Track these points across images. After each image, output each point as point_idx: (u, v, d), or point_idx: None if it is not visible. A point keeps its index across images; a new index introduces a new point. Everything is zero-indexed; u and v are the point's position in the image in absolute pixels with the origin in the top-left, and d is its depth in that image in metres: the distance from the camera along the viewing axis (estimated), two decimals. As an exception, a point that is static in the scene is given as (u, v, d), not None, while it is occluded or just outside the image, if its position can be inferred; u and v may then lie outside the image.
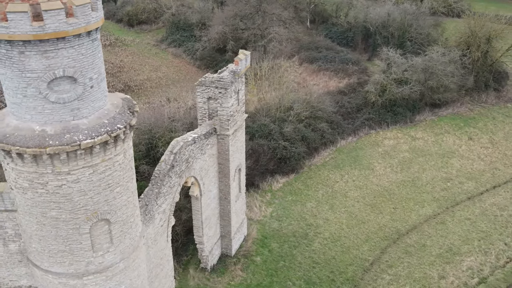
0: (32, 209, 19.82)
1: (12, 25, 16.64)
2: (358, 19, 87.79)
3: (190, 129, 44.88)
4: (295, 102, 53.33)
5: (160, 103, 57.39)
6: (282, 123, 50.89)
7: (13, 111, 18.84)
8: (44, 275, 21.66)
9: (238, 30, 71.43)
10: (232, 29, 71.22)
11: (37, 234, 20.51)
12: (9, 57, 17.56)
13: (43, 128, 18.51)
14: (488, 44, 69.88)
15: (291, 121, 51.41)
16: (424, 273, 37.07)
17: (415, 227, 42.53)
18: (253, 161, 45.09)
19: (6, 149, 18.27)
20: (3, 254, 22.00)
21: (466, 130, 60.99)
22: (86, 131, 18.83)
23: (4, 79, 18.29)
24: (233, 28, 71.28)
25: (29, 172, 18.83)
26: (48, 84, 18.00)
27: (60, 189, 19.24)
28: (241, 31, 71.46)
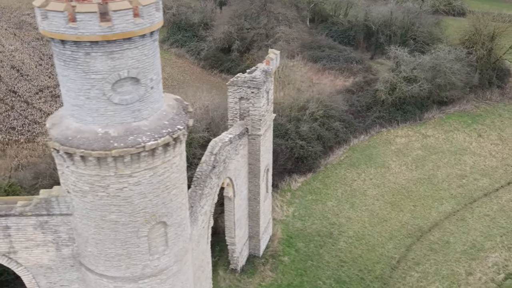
0: (91, 212, 19.51)
1: (80, 25, 16.36)
2: (359, 18, 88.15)
3: (208, 129, 44.71)
4: (309, 101, 53.30)
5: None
6: (297, 122, 50.83)
7: (73, 113, 18.51)
8: (99, 279, 21.34)
9: (243, 30, 71.21)
10: (238, 28, 71.00)
11: (94, 238, 20.19)
12: (74, 59, 17.26)
13: (106, 130, 18.22)
14: (492, 41, 70.64)
15: (306, 120, 51.38)
16: (451, 270, 37.29)
17: (436, 224, 42.77)
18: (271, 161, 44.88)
19: (69, 152, 17.94)
20: (55, 259, 21.61)
21: (475, 127, 61.52)
22: (148, 132, 18.59)
23: (66, 80, 17.96)
24: (239, 28, 71.06)
25: (91, 175, 18.52)
26: (112, 85, 17.72)
27: (121, 192, 18.96)
28: (246, 30, 71.26)
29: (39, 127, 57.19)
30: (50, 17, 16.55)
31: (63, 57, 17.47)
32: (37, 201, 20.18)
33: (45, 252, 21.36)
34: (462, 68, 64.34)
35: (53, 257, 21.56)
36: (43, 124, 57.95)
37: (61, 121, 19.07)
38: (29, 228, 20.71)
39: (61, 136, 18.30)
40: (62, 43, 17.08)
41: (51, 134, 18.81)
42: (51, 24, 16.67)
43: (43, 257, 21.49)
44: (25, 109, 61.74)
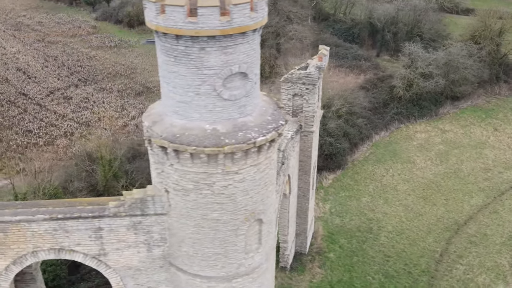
0: (192, 211, 19.17)
1: (201, 20, 16.06)
2: (363, 16, 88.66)
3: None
4: (333, 98, 53.39)
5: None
6: (323, 119, 50.78)
7: (177, 110, 18.15)
8: (191, 279, 20.99)
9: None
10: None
11: (192, 237, 19.84)
12: (187, 54, 16.93)
13: (214, 127, 17.93)
14: (499, 37, 71.85)
15: (332, 118, 51.44)
16: (494, 262, 37.74)
17: (470, 217, 43.23)
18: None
19: (179, 150, 17.58)
20: (145, 260, 21.18)
21: (489, 121, 62.40)
22: (256, 128, 18.35)
23: (174, 77, 17.61)
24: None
25: (197, 172, 18.19)
26: (224, 81, 17.44)
27: (226, 190, 18.68)
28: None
29: (56, 130, 56.15)
30: (168, 11, 16.22)
31: (174, 52, 17.12)
32: (132, 201, 19.74)
33: (136, 253, 20.93)
34: (474, 64, 65.21)
35: (143, 258, 21.13)
36: (60, 126, 57.02)
37: (163, 119, 18.68)
38: (122, 229, 20.28)
39: (167, 134, 17.93)
40: (176, 39, 16.74)
41: (153, 131, 18.41)
42: (168, 19, 16.33)
43: (133, 259, 21.05)
44: (38, 111, 60.56)
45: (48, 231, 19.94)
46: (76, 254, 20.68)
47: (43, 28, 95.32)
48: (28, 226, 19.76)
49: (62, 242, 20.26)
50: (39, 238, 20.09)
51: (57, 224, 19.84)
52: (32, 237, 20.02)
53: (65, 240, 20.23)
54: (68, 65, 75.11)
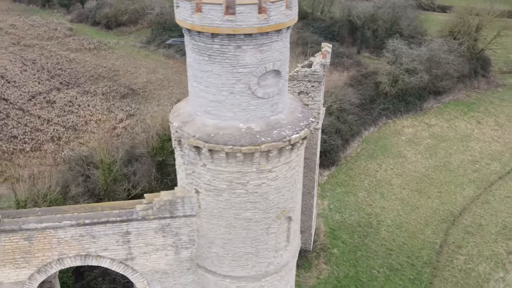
0: (224, 211, 19.04)
1: (239, 18, 15.98)
2: (342, 14, 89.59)
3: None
4: (324, 95, 53.61)
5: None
6: (315, 117, 51.13)
7: (210, 109, 18.00)
8: (221, 280, 20.84)
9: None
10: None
11: (223, 238, 19.70)
12: (222, 53, 16.81)
13: (248, 126, 17.86)
14: (477, 33, 73.78)
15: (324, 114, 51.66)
16: (492, 251, 38.74)
17: (465, 208, 44.26)
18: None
19: (215, 149, 17.43)
20: (173, 263, 20.92)
21: (472, 114, 64.00)
22: (289, 126, 18.37)
23: (207, 76, 17.46)
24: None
25: (231, 172, 18.09)
26: (258, 79, 17.39)
27: (259, 188, 18.63)
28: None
29: (42, 135, 54.79)
30: (205, 10, 16.07)
31: (208, 51, 16.97)
32: (161, 203, 19.47)
33: (163, 256, 20.66)
34: (456, 59, 66.79)
35: (171, 261, 20.87)
36: (46, 131, 55.69)
37: (193, 119, 18.49)
38: (150, 232, 19.99)
39: (201, 134, 17.75)
40: (211, 37, 16.59)
41: (184, 132, 18.19)
42: (205, 18, 16.19)
43: (160, 262, 20.77)
44: (21, 116, 58.97)
45: (74, 237, 19.48)
46: (103, 260, 20.26)
47: (17, 31, 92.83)
48: (54, 233, 19.27)
49: (88, 248, 19.82)
50: (65, 245, 19.61)
51: (84, 229, 19.41)
52: (58, 244, 19.53)
53: (91, 246, 19.80)
54: (48, 69, 73.37)
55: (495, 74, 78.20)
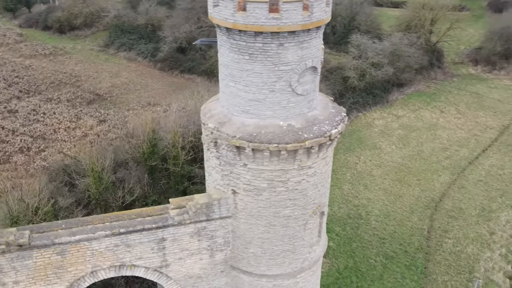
0: (264, 210, 19.00)
1: (284, 15, 16.01)
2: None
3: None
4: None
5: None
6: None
7: (249, 109, 17.90)
8: (256, 280, 20.76)
9: (203, 28, 70.23)
10: (198, 27, 69.89)
11: (261, 237, 19.65)
12: (264, 51, 16.78)
13: (289, 123, 17.92)
14: (432, 26, 77.02)
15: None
16: (476, 232, 40.67)
17: (444, 194, 46.17)
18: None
19: (259, 148, 17.36)
20: (207, 267, 20.61)
21: (435, 104, 66.73)
22: (326, 121, 18.57)
23: (247, 75, 17.35)
24: (198, 26, 69.98)
25: (272, 170, 18.09)
26: (299, 76, 17.47)
27: (299, 185, 18.73)
28: (206, 28, 70.36)
29: (9, 146, 52.13)
30: (250, 8, 15.96)
31: (249, 50, 16.87)
32: (197, 207, 19.15)
33: (198, 260, 20.33)
34: (416, 52, 69.41)
35: (205, 265, 20.57)
36: (12, 142, 53.10)
37: (230, 119, 18.31)
38: (185, 237, 19.62)
39: (242, 134, 17.62)
40: (254, 36, 16.50)
41: (223, 132, 17.99)
42: (249, 16, 16.08)
43: (195, 266, 20.43)
44: (-18, 128, 55.79)
45: (109, 247, 18.81)
46: (137, 269, 19.69)
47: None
48: (88, 245, 18.52)
49: (123, 258, 19.20)
50: (99, 257, 18.90)
51: (119, 239, 18.78)
52: (92, 256, 18.79)
53: (126, 256, 19.19)
54: (4, 76, 69.77)
55: (448, 65, 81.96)
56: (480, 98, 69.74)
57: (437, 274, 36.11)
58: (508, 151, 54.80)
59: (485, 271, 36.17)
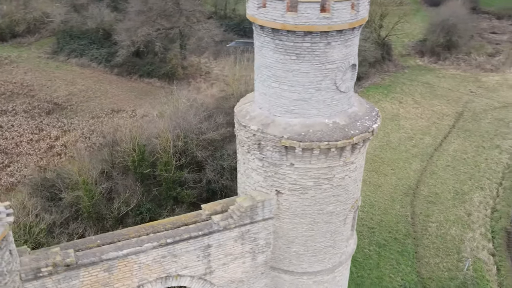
0: (308, 208, 19.18)
1: (335, 15, 16.25)
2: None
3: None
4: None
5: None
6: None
7: (293, 109, 18.01)
8: (298, 278, 20.91)
9: (160, 30, 68.83)
10: (155, 29, 68.39)
11: (304, 235, 19.82)
12: (312, 50, 16.96)
13: (334, 120, 18.21)
14: (381, 21, 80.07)
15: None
16: (455, 215, 42.90)
17: (419, 181, 48.30)
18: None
19: (310, 147, 17.52)
20: (249, 270, 20.49)
21: (392, 96, 69.50)
22: (366, 117, 19.02)
23: (293, 75, 17.46)
24: (156, 29, 68.50)
25: (319, 168, 18.31)
26: (343, 74, 17.79)
27: (343, 181, 19.09)
28: (164, 30, 69.02)
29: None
30: (302, 9, 16.05)
31: (296, 50, 16.97)
32: (241, 210, 19.00)
33: (241, 264, 20.18)
34: (371, 46, 71.88)
35: (247, 268, 20.45)
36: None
37: (274, 120, 18.32)
38: (230, 241, 19.41)
39: (291, 133, 17.69)
40: (303, 36, 16.62)
41: (268, 134, 17.97)
42: (300, 16, 16.18)
43: (237, 271, 20.25)
44: None
45: (156, 259, 18.27)
46: (183, 279, 19.25)
47: None
48: (136, 258, 17.90)
49: (169, 269, 18.71)
50: (146, 269, 18.31)
51: (166, 250, 18.28)
52: (139, 270, 18.17)
53: (172, 266, 18.72)
54: None
55: (397, 58, 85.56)
56: (432, 87, 73.35)
57: (428, 258, 37.79)
58: (467, 136, 58.12)
59: (471, 251, 38.28)
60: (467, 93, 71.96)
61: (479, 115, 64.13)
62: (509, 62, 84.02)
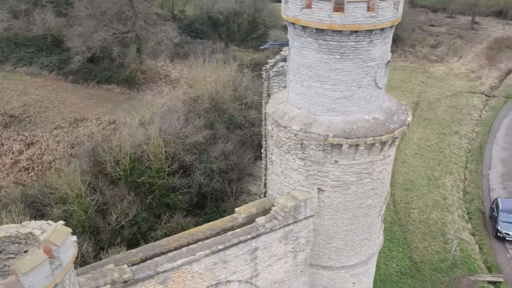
0: (350, 203, 19.62)
1: (380, 13, 16.75)
2: (201, 11, 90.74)
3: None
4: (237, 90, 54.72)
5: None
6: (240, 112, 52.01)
7: (335, 107, 18.35)
8: (336, 273, 21.31)
9: (117, 34, 66.79)
10: (111, 33, 66.26)
11: (345, 230, 20.24)
12: (356, 49, 17.37)
13: (373, 116, 18.75)
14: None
15: (243, 109, 52.94)
16: (432, 199, 45.03)
17: (393, 170, 49.57)
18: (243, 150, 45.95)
19: (356, 144, 17.93)
20: (290, 269, 20.62)
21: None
22: (399, 111, 19.71)
23: (336, 74, 17.79)
24: (112, 33, 66.38)
25: (361, 163, 18.78)
26: (381, 70, 18.34)
27: (381, 174, 19.68)
28: (120, 34, 67.02)
29: None
30: (349, 8, 16.40)
31: (341, 49, 17.31)
32: (286, 210, 19.12)
33: (283, 264, 20.29)
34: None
35: (289, 268, 20.58)
36: None
37: (315, 119, 18.56)
38: (275, 243, 19.48)
39: (336, 131, 18.01)
40: (348, 35, 16.97)
41: (312, 133, 18.21)
42: (348, 16, 16.52)
43: (280, 271, 20.35)
44: None
45: (208, 267, 18.01)
46: (232, 284, 19.11)
47: None
48: (189, 268, 17.56)
49: (219, 276, 18.51)
50: (198, 278, 18.01)
51: (217, 256, 18.06)
52: (192, 279, 17.85)
53: (222, 273, 18.53)
54: None
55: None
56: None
57: (416, 243, 39.47)
58: (427, 124, 60.99)
59: (454, 232, 40.37)
60: (418, 83, 75.43)
61: (433, 104, 67.43)
62: (451, 53, 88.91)
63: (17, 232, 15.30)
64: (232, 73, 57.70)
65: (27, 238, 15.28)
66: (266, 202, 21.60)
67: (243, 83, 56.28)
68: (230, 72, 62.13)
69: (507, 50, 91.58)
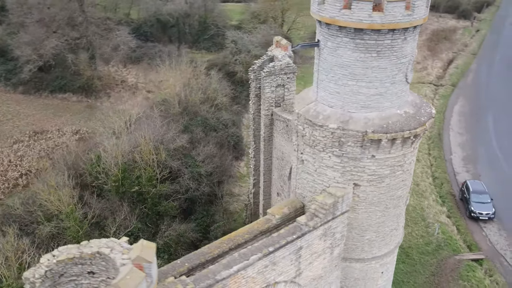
0: (383, 195, 20.31)
1: (415, 11, 17.51)
2: (149, 14, 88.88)
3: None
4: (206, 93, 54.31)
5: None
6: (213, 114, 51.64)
7: (369, 104, 18.93)
8: (367, 265, 21.97)
9: (69, 41, 63.94)
10: (64, 40, 63.34)
11: (378, 222, 20.92)
12: (391, 47, 18.04)
13: (404, 110, 19.52)
14: (283, 16, 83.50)
15: (214, 111, 52.67)
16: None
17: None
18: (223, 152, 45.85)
19: (394, 138, 18.61)
20: (327, 265, 21.01)
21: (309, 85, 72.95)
22: (423, 104, 20.61)
23: (372, 72, 18.38)
24: (65, 40, 63.47)
25: (395, 156, 19.52)
26: (411, 66, 19.13)
27: (410, 166, 20.54)
28: (72, 41, 64.24)
29: None
30: (389, 8, 16.99)
31: (378, 47, 17.90)
32: (326, 208, 19.49)
33: (322, 260, 20.66)
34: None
35: (326, 263, 20.98)
36: None
37: (351, 116, 19.05)
38: (316, 240, 19.83)
39: (374, 127, 18.58)
40: (385, 33, 17.58)
41: (350, 130, 18.70)
42: (387, 15, 17.11)
43: (319, 267, 20.70)
44: None
45: (260, 270, 18.06)
46: (278, 286, 19.22)
47: None
48: (244, 273, 17.54)
49: (269, 278, 18.60)
50: (251, 283, 18.01)
51: (268, 259, 18.14)
52: (246, 284, 17.83)
53: (271, 275, 18.63)
54: None
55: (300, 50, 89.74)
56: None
57: (401, 229, 41.05)
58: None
59: (433, 216, 42.44)
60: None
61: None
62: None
63: (81, 253, 14.72)
64: (200, 75, 57.08)
65: (92, 258, 14.75)
66: (295, 201, 21.85)
67: (212, 85, 55.88)
68: (198, 74, 61.49)
69: (444, 41, 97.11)
